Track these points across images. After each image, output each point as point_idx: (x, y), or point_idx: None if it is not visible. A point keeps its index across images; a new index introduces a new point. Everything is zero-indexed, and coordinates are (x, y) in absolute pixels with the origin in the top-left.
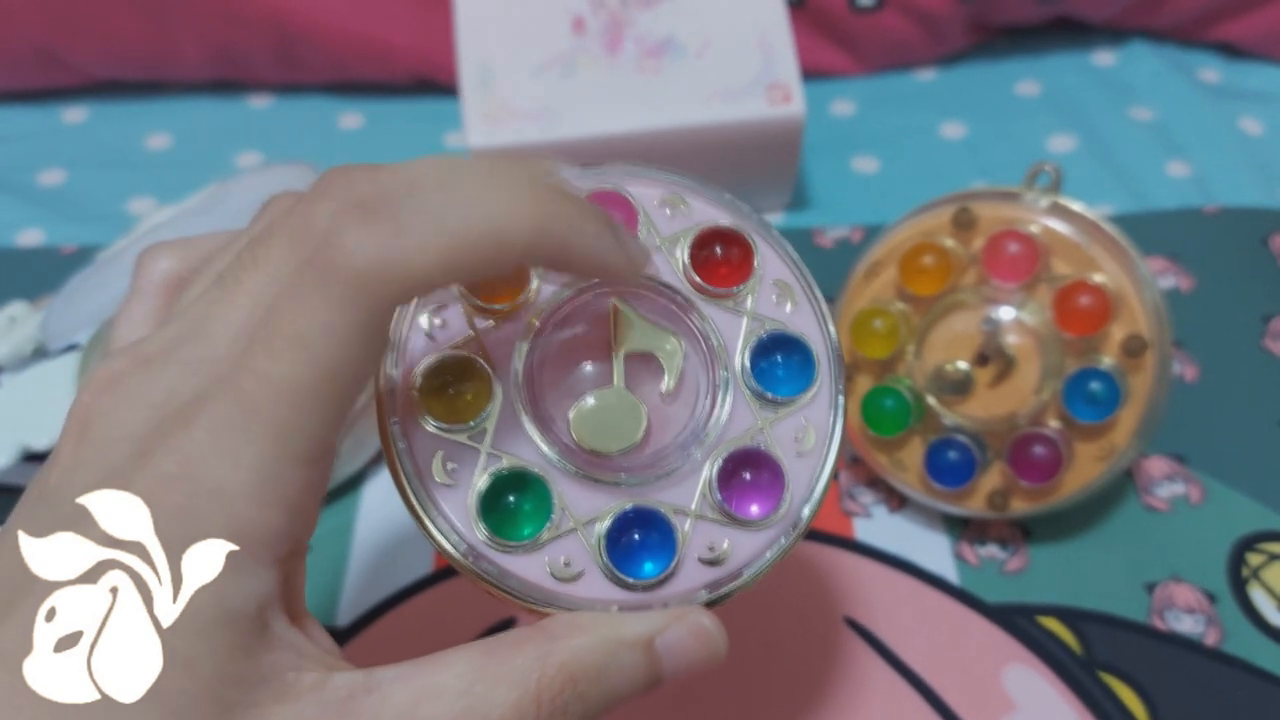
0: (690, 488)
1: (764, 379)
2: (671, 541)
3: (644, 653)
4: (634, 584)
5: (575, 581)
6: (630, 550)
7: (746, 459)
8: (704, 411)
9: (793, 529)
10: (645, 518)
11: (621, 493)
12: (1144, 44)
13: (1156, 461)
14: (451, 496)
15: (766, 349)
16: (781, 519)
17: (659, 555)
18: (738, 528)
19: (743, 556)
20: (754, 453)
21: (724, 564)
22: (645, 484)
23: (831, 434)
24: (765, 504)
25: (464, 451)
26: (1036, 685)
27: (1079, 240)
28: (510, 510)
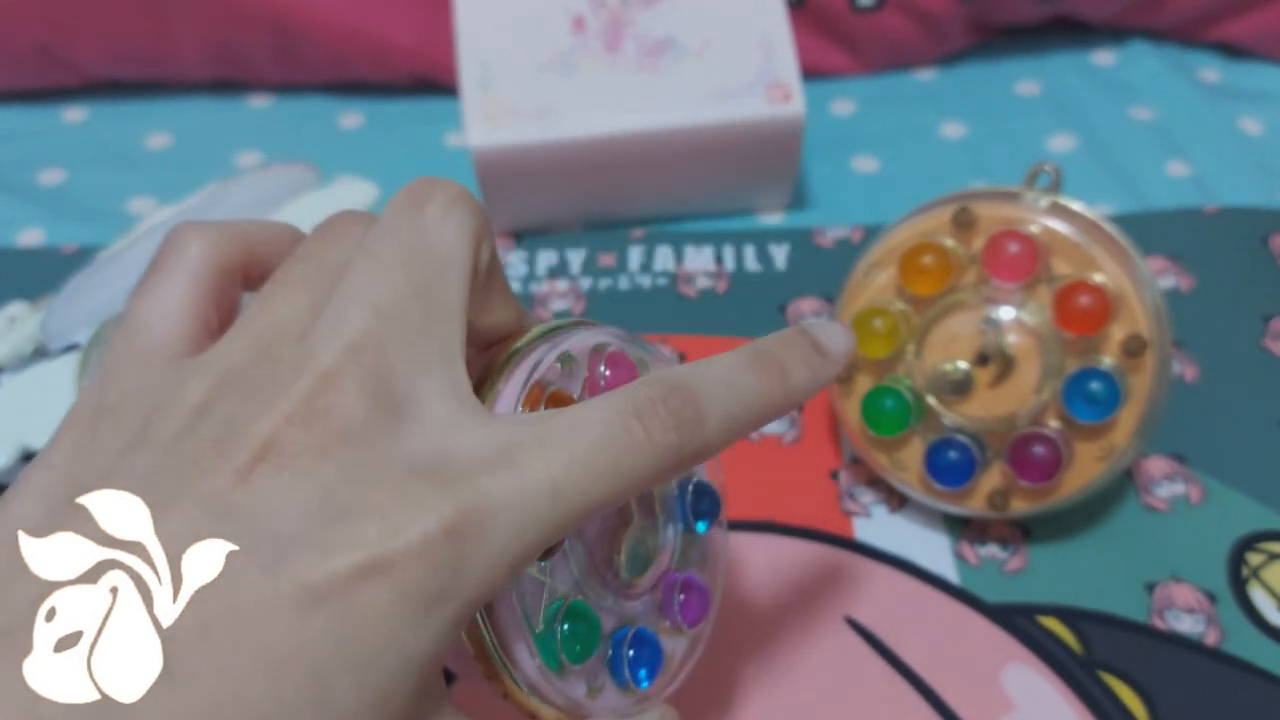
0: (649, 605)
1: (690, 515)
2: (659, 654)
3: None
4: (640, 693)
5: (599, 695)
6: (632, 664)
7: (685, 585)
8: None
9: (706, 633)
10: (641, 637)
11: (614, 612)
12: (1144, 44)
13: (1156, 461)
14: (514, 627)
15: (693, 490)
16: (705, 627)
17: (651, 666)
18: (678, 636)
19: (677, 660)
20: (689, 579)
21: (669, 668)
22: (624, 604)
23: (725, 553)
24: (698, 617)
25: (531, 584)
26: (1036, 685)
27: (1079, 240)
28: (566, 638)
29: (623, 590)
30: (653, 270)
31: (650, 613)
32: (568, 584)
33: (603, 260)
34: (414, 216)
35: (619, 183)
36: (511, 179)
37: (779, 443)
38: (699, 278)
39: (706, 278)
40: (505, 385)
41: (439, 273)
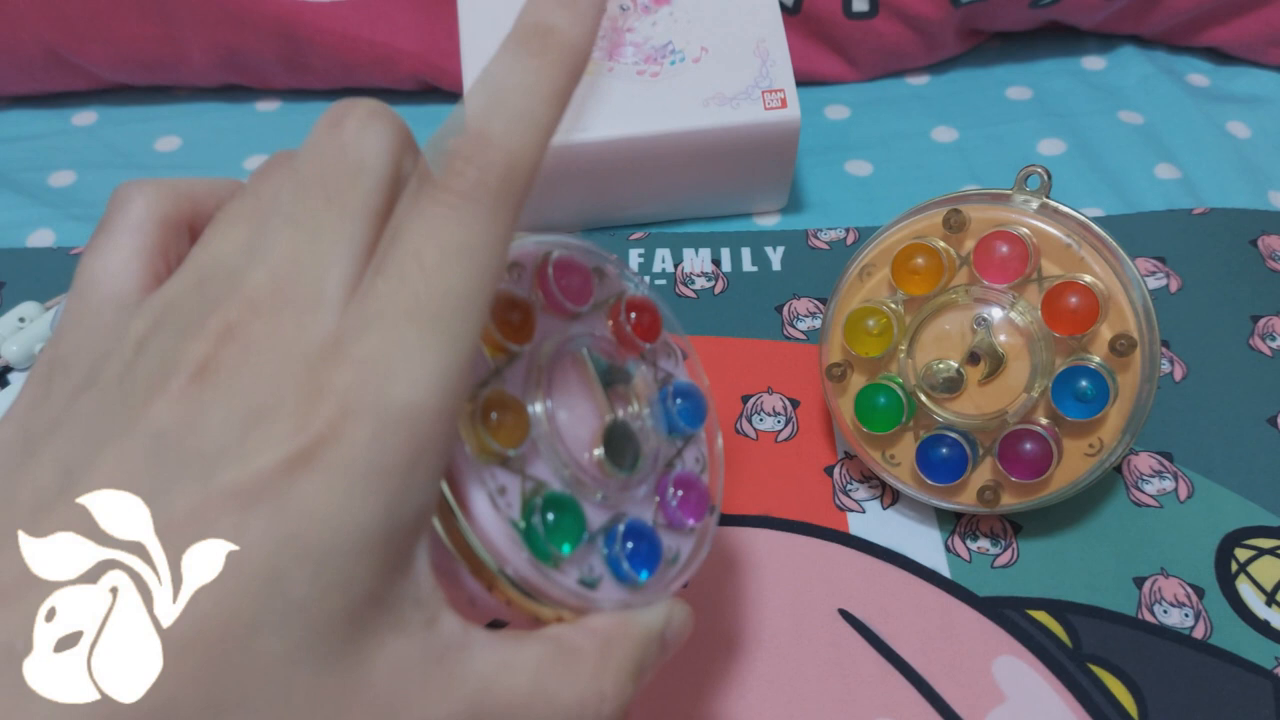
0: (646, 504)
1: (676, 419)
2: (658, 548)
3: (660, 642)
4: (640, 585)
5: (597, 587)
6: (634, 558)
7: (681, 481)
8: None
9: (710, 529)
10: (636, 530)
11: (607, 508)
12: (1133, 49)
13: (1145, 458)
14: (495, 523)
15: (676, 395)
16: (708, 524)
17: (651, 560)
18: (679, 534)
19: (685, 555)
20: (686, 476)
21: (677, 563)
22: (619, 501)
23: (719, 453)
24: (698, 514)
25: (507, 479)
26: (1026, 676)
27: (1068, 241)
28: (551, 529)
29: (611, 485)
30: (652, 271)
31: (648, 512)
32: (546, 475)
33: None
34: (333, 133)
35: (619, 186)
36: None
37: (774, 439)
38: (697, 279)
39: (704, 279)
40: None
41: (354, 178)
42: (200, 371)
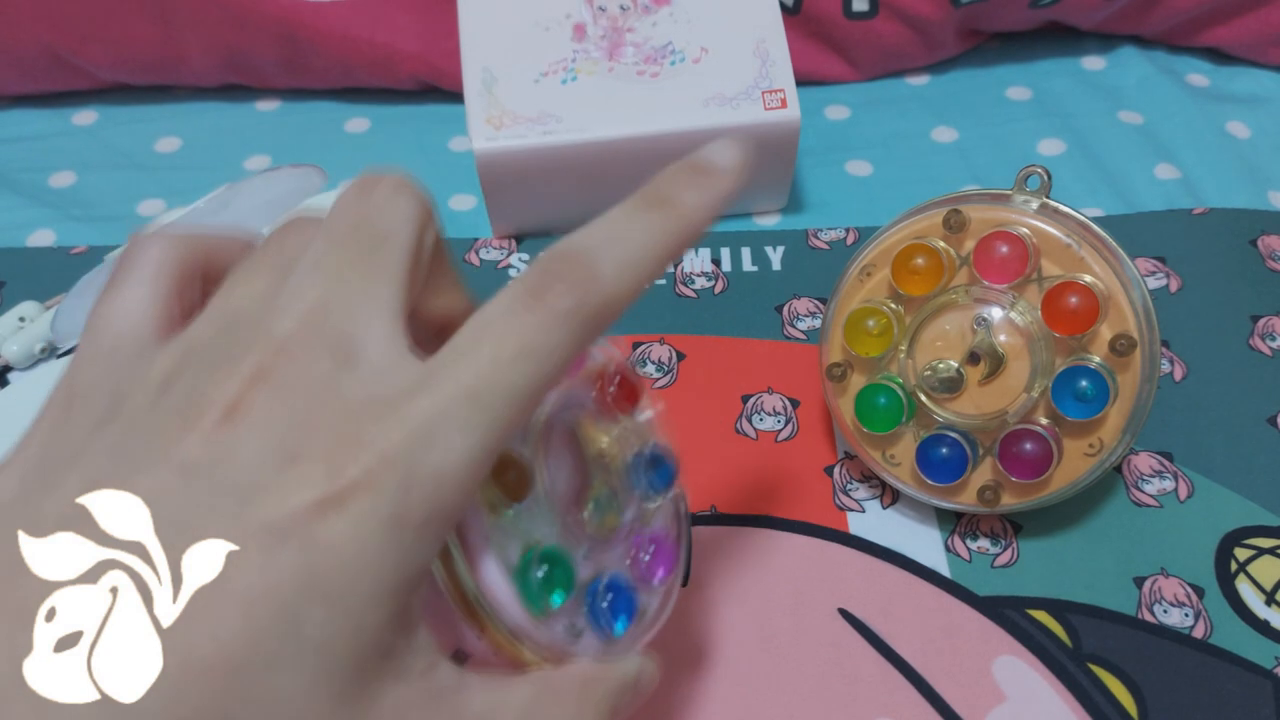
0: (622, 561)
1: (648, 482)
2: (634, 601)
3: (635, 689)
4: (616, 637)
5: (581, 637)
6: (610, 609)
7: (652, 539)
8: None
9: (676, 587)
10: (616, 584)
11: (590, 564)
12: (1133, 49)
13: (1145, 458)
14: (495, 574)
15: (649, 460)
16: (675, 582)
17: (628, 612)
18: (647, 592)
19: (652, 611)
20: (656, 535)
21: (643, 620)
22: (600, 558)
23: (686, 516)
24: (666, 573)
25: (508, 532)
26: (1026, 676)
27: (1068, 241)
28: (544, 581)
29: (594, 542)
30: None
31: (623, 568)
32: (541, 532)
33: None
34: (362, 200)
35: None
36: (513, 182)
37: (774, 439)
38: (697, 278)
39: (704, 278)
40: None
41: (383, 243)
42: (232, 410)
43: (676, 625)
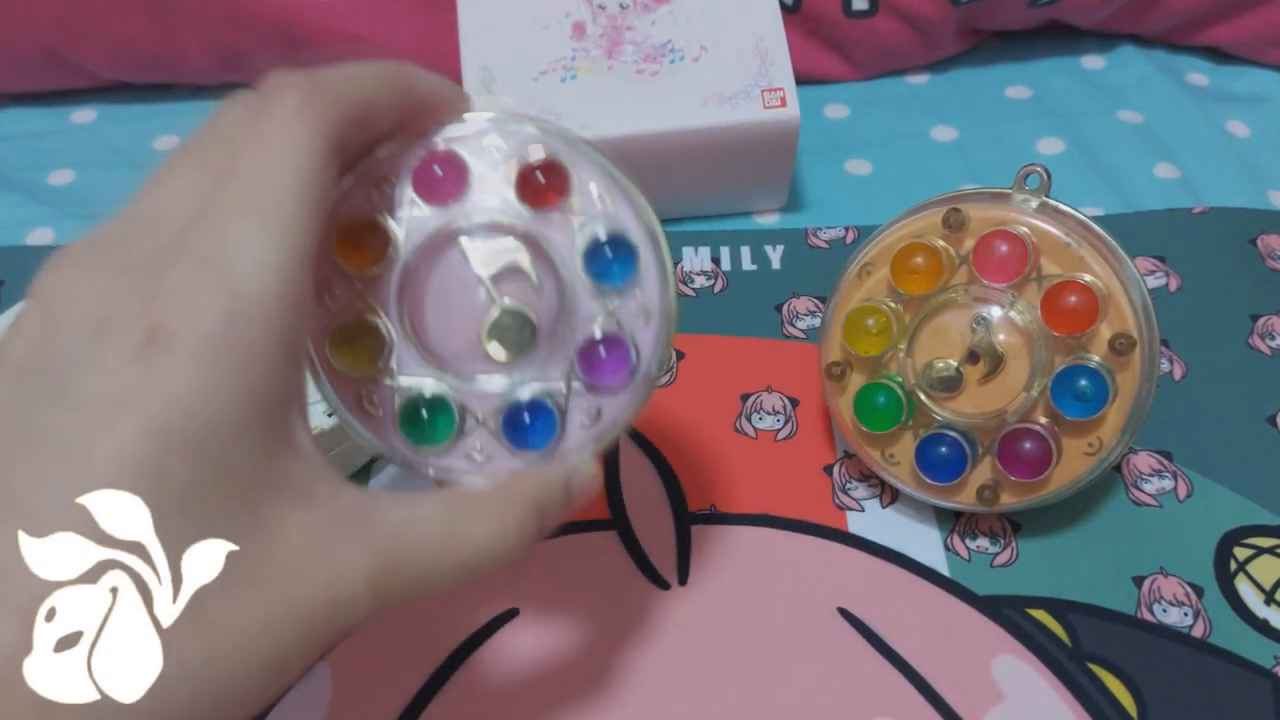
0: (560, 371)
1: (601, 273)
2: (550, 420)
3: (564, 491)
4: (532, 455)
5: (489, 463)
6: (527, 430)
7: (603, 341)
8: (555, 307)
9: (646, 383)
10: (533, 405)
11: (511, 385)
12: (1133, 48)
13: (1144, 457)
14: (380, 426)
15: (598, 248)
16: (639, 380)
17: (547, 431)
18: (604, 395)
19: (612, 413)
20: (608, 335)
21: (600, 422)
22: (520, 376)
23: (665, 301)
24: (619, 373)
25: (379, 389)
26: (1025, 675)
27: (1068, 240)
28: (425, 423)
29: (502, 368)
30: None
31: (557, 378)
32: (416, 377)
33: None
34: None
35: None
36: None
37: (773, 438)
38: (697, 277)
39: (704, 277)
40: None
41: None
42: (48, 303)
43: (676, 624)
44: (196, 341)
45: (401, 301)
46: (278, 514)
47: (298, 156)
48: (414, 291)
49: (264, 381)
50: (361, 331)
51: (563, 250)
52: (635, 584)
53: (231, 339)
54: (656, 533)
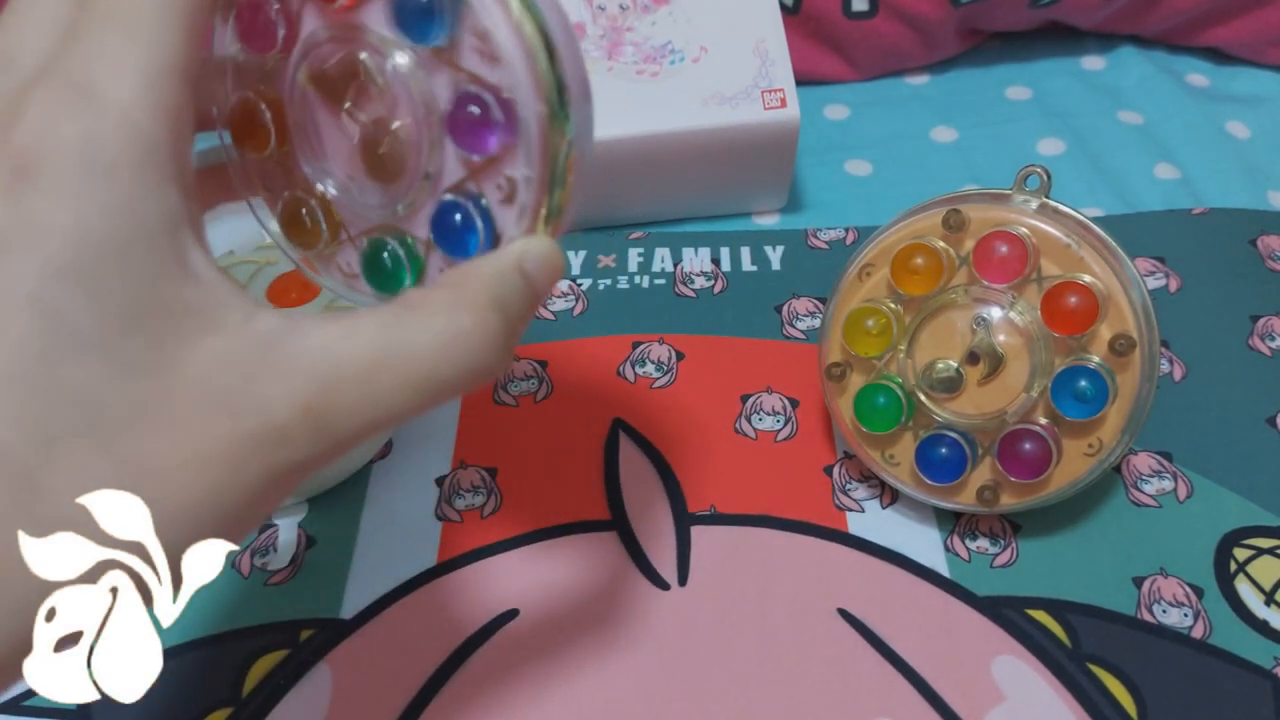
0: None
1: (416, 30)
2: (468, 209)
3: (520, 275)
4: (471, 255)
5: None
6: (458, 231)
7: (455, 106)
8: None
9: (537, 124)
10: (446, 205)
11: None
12: (1133, 49)
13: (1144, 458)
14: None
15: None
16: (525, 124)
17: (472, 225)
18: (501, 164)
19: (523, 176)
20: (459, 96)
21: (518, 194)
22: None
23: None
24: (488, 129)
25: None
26: (1025, 676)
27: (1068, 241)
28: (390, 271)
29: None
30: (651, 271)
31: (458, 166)
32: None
33: (602, 261)
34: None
35: (618, 186)
36: None
37: (773, 439)
38: (696, 278)
39: (704, 278)
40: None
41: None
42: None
43: (676, 625)
44: (60, 165)
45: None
46: (179, 341)
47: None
48: (309, 143)
49: (140, 199)
50: (300, 212)
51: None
52: (635, 584)
53: (95, 156)
54: (656, 533)
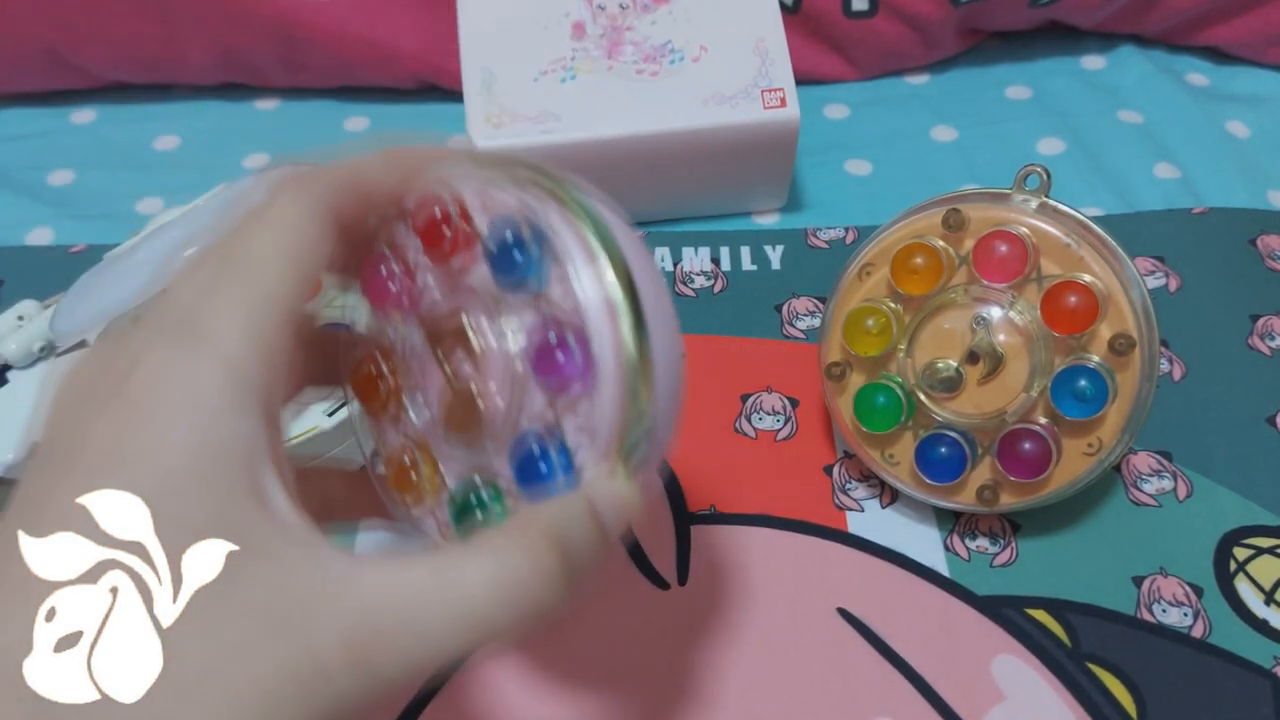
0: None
1: (510, 273)
2: (547, 448)
3: (589, 515)
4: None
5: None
6: (536, 470)
7: (538, 344)
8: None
9: (622, 371)
10: (523, 441)
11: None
12: (1133, 48)
13: (1144, 457)
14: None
15: (501, 248)
16: (606, 371)
17: (553, 466)
18: (580, 403)
19: (605, 417)
20: (544, 332)
21: (598, 433)
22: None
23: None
24: (570, 369)
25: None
26: (1025, 675)
27: (1068, 241)
28: (474, 514)
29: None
30: None
31: (546, 411)
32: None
33: None
34: (251, 218)
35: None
36: None
37: (773, 438)
38: (696, 277)
39: (704, 277)
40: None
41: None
42: (54, 404)
43: (676, 624)
44: (157, 396)
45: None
46: (238, 563)
47: (284, 231)
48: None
49: (225, 434)
50: (404, 462)
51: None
52: (635, 584)
53: (189, 390)
54: (656, 533)
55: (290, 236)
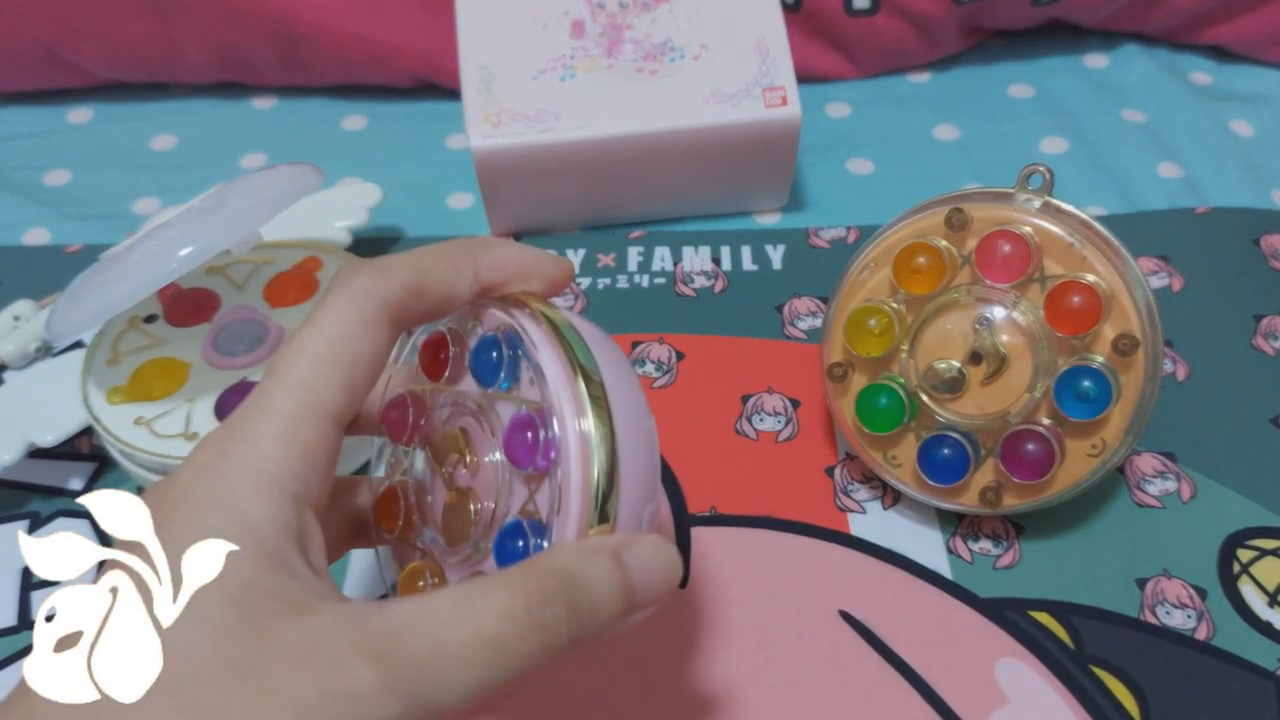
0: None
1: (485, 374)
2: (517, 536)
3: (613, 561)
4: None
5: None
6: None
7: (509, 431)
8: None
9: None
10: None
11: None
12: (1136, 47)
13: (1147, 458)
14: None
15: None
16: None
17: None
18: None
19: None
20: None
21: (564, 503)
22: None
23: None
24: (531, 452)
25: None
26: (1028, 678)
27: (1071, 240)
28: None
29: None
30: (651, 270)
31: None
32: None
33: (602, 260)
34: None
35: (618, 184)
36: (511, 180)
37: (774, 439)
38: (697, 277)
39: (704, 277)
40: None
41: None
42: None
43: (675, 627)
44: (202, 483)
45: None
46: (277, 621)
47: (332, 326)
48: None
49: (260, 519)
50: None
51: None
52: None
53: (225, 483)
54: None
55: (338, 332)
